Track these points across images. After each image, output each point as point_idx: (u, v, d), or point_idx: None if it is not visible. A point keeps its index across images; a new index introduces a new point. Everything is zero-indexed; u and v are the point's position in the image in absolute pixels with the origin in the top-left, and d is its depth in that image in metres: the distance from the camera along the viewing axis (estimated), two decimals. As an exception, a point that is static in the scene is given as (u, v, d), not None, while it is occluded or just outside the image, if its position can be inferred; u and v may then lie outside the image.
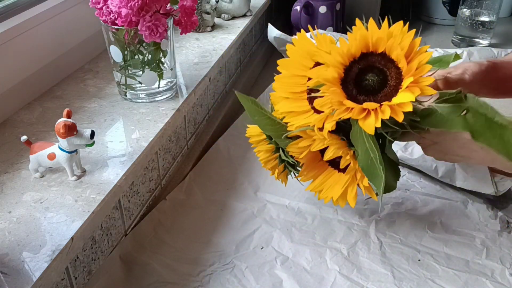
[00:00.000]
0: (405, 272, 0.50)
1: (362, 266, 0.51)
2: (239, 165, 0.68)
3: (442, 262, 0.51)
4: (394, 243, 0.54)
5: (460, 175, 0.62)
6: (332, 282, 0.49)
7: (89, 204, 0.43)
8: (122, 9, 0.52)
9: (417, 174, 0.65)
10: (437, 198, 0.61)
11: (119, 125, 0.55)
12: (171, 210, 0.58)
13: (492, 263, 0.51)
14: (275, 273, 0.50)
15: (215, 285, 0.48)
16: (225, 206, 0.60)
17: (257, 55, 1.01)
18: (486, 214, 0.58)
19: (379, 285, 0.48)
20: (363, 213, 0.59)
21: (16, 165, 0.48)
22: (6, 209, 0.42)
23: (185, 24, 0.58)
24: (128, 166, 0.48)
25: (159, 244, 0.53)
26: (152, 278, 0.49)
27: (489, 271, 0.50)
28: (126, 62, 0.57)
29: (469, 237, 0.55)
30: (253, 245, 0.54)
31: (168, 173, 0.63)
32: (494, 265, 0.51)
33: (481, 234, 0.55)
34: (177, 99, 0.61)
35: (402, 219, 0.58)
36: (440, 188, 0.63)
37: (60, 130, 0.43)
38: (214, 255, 0.52)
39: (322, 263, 0.51)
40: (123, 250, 0.51)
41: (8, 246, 0.38)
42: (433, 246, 0.54)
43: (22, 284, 0.35)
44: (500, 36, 1.03)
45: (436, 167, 0.63)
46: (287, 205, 0.60)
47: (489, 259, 0.52)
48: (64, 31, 0.63)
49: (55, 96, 0.61)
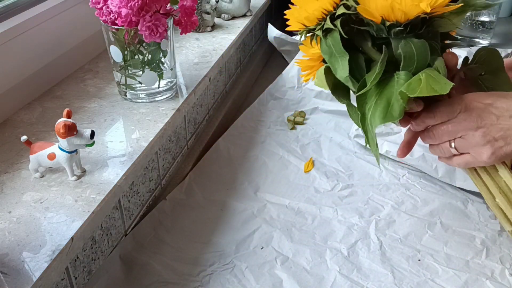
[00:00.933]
0: (405, 272, 0.50)
1: (362, 266, 0.51)
2: (239, 165, 0.68)
3: (442, 262, 0.51)
4: (394, 243, 0.54)
5: (460, 175, 0.62)
6: (332, 282, 0.49)
7: (89, 204, 0.42)
8: (122, 9, 0.52)
9: (417, 174, 0.65)
10: (437, 198, 0.61)
11: (119, 125, 0.55)
12: (171, 210, 0.58)
13: (492, 263, 0.51)
14: (275, 273, 0.50)
15: (215, 285, 0.48)
16: (225, 206, 0.60)
17: (257, 55, 1.01)
18: (486, 214, 0.58)
19: (379, 285, 0.48)
20: (363, 213, 0.59)
21: (16, 165, 0.47)
22: (6, 209, 0.42)
23: (185, 24, 0.58)
24: (128, 166, 0.48)
25: (159, 244, 0.53)
26: (152, 278, 0.49)
27: (489, 271, 0.50)
28: (126, 62, 0.57)
29: (469, 237, 0.55)
30: (253, 245, 0.54)
31: (168, 173, 0.63)
32: (494, 265, 0.51)
33: (481, 234, 0.55)
34: (177, 99, 0.61)
35: (402, 219, 0.57)
36: (440, 188, 0.63)
37: (60, 130, 0.43)
38: (214, 255, 0.52)
39: (322, 263, 0.51)
40: (123, 250, 0.51)
41: (8, 246, 0.38)
42: (433, 246, 0.53)
43: (22, 284, 0.35)
44: (500, 36, 1.02)
45: (436, 167, 0.63)
46: (287, 205, 0.60)
47: (489, 259, 0.52)
48: (64, 31, 0.63)
49: (55, 96, 0.61)
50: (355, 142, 0.72)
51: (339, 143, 0.72)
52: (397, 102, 0.39)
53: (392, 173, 0.66)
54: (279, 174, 0.66)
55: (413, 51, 0.39)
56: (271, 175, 0.65)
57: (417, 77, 0.38)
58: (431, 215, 0.58)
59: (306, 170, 0.67)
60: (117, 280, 0.48)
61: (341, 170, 0.67)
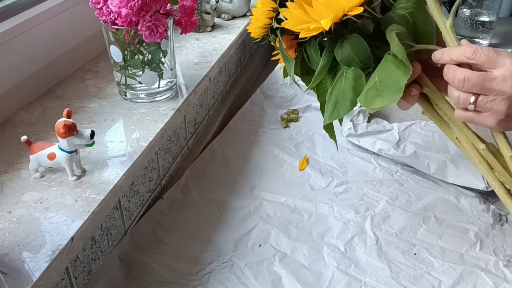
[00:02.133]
0: (401, 265, 0.49)
1: (359, 261, 0.49)
2: (234, 164, 0.66)
3: (437, 255, 0.50)
4: (390, 237, 0.52)
5: (451, 171, 0.61)
6: (330, 278, 0.47)
7: (89, 204, 0.41)
8: (122, 9, 0.50)
9: (410, 170, 0.64)
10: (430, 192, 0.60)
11: (119, 125, 0.53)
12: (169, 209, 0.56)
13: (486, 255, 0.50)
14: (274, 270, 0.48)
15: (215, 284, 0.47)
16: (222, 205, 0.58)
17: (257, 55, 0.99)
18: (479, 207, 0.57)
19: (377, 279, 0.47)
20: (358, 208, 0.57)
21: (16, 165, 0.46)
22: (6, 209, 0.40)
23: (185, 24, 0.57)
24: (128, 166, 0.46)
25: (158, 244, 0.51)
26: (152, 278, 0.47)
27: (484, 263, 0.49)
28: (126, 62, 0.55)
29: (463, 230, 0.54)
30: (251, 242, 0.52)
31: (168, 173, 0.61)
32: (488, 257, 0.50)
33: (475, 227, 0.54)
34: (177, 99, 0.59)
35: (397, 214, 0.56)
36: (433, 183, 0.62)
37: (60, 130, 0.42)
38: (213, 254, 0.50)
39: (320, 259, 0.50)
40: (122, 250, 0.49)
41: (8, 246, 0.37)
42: (428, 240, 0.52)
43: (22, 284, 0.34)
44: (500, 36, 1.01)
45: (428, 164, 0.62)
46: (283, 203, 0.58)
47: (483, 252, 0.51)
48: (64, 31, 0.61)
49: (55, 96, 0.59)
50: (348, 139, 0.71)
51: (332, 141, 0.71)
52: (344, 100, 0.38)
53: (385, 169, 0.64)
54: (274, 172, 0.64)
55: (348, 49, 0.39)
56: (267, 173, 0.64)
57: (370, 84, 0.37)
58: (425, 209, 0.57)
59: (300, 168, 0.65)
60: (117, 281, 0.46)
61: (335, 167, 0.65)
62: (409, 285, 0.46)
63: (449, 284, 0.47)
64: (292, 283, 0.47)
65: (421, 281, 0.47)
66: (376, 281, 0.47)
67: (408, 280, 0.47)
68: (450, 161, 0.62)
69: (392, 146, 0.66)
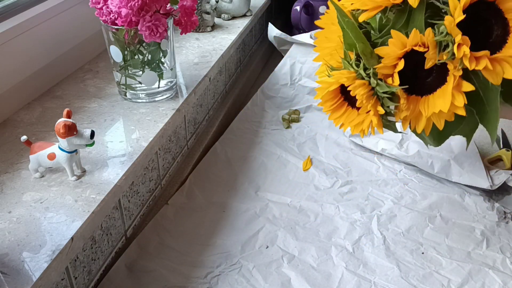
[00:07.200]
0: (410, 265, 0.48)
1: (368, 261, 0.48)
2: (238, 166, 0.65)
3: (445, 254, 0.49)
4: (397, 237, 0.52)
5: (455, 170, 0.60)
6: (339, 278, 0.46)
7: (89, 204, 0.40)
8: (122, 9, 0.49)
9: (414, 169, 0.63)
10: (434, 191, 0.59)
11: (119, 125, 0.53)
12: (174, 215, 0.55)
13: (493, 253, 0.49)
14: (282, 272, 0.47)
15: (224, 286, 0.46)
16: (227, 208, 0.57)
17: (257, 55, 0.99)
18: (483, 205, 0.56)
19: (386, 279, 0.46)
20: (364, 208, 0.56)
21: (16, 165, 0.45)
22: (6, 209, 0.40)
23: (185, 24, 0.56)
24: (128, 166, 0.45)
25: (165, 249, 0.50)
26: (160, 284, 0.46)
27: (491, 261, 0.48)
28: (126, 62, 0.54)
29: (469, 229, 0.53)
30: (258, 244, 0.51)
31: (168, 173, 0.60)
32: (495, 255, 0.49)
33: (480, 225, 0.53)
34: (177, 99, 0.58)
35: (402, 213, 0.55)
36: (437, 182, 0.61)
37: (60, 130, 0.41)
38: (220, 256, 0.49)
39: (328, 260, 0.49)
40: (128, 258, 0.48)
41: (8, 246, 0.36)
42: (435, 239, 0.51)
43: (22, 284, 0.33)
44: None
45: (432, 163, 0.61)
46: (289, 204, 0.57)
47: (490, 249, 0.50)
48: (64, 31, 0.61)
49: (55, 96, 0.58)
50: (351, 139, 0.70)
51: (335, 141, 0.70)
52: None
53: (389, 168, 0.64)
54: (278, 173, 0.63)
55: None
56: (271, 174, 0.63)
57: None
58: (430, 208, 0.56)
59: (304, 168, 0.65)
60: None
61: (339, 167, 0.64)
62: (419, 284, 0.46)
63: (458, 283, 0.46)
64: (302, 285, 0.46)
65: (430, 280, 0.46)
66: (385, 281, 0.46)
67: (417, 280, 0.46)
68: (454, 160, 0.61)
69: (395, 145, 0.65)
